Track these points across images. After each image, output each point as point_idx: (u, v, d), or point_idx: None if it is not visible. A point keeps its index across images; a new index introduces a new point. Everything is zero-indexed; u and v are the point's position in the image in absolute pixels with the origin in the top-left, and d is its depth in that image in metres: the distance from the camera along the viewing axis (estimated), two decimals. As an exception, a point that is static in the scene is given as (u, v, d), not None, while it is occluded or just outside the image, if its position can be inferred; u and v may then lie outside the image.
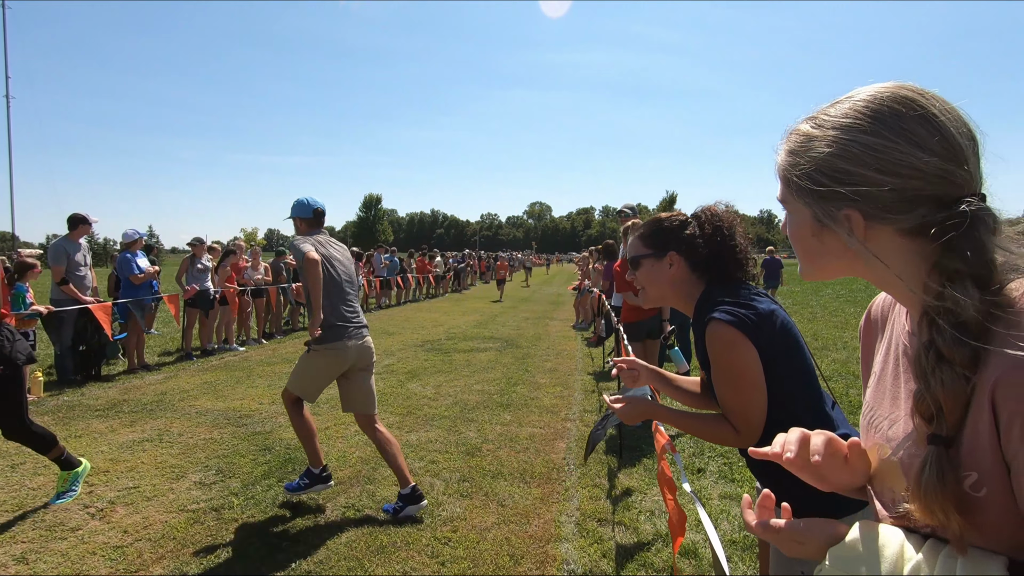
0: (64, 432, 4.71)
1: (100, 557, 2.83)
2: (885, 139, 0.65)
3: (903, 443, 0.69)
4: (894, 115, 0.66)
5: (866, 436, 0.78)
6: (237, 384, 6.48)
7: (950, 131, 0.64)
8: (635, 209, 5.93)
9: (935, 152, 0.64)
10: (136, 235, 7.53)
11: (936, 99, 0.67)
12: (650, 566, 2.76)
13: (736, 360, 1.38)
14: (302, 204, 3.67)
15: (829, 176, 0.69)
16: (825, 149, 0.69)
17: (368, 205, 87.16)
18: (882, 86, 0.69)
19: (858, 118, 0.68)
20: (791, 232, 0.78)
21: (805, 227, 0.75)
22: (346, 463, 4.03)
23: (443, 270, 20.48)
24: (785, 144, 0.76)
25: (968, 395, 0.60)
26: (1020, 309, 0.59)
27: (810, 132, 0.72)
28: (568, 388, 6.32)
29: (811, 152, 0.71)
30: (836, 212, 0.69)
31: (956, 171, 0.64)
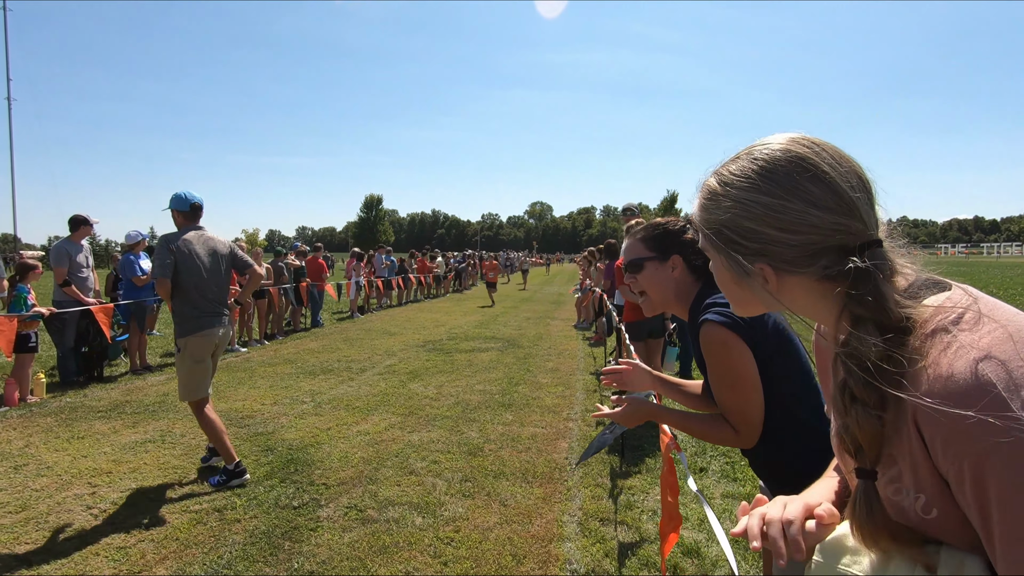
0: (67, 433, 4.72)
1: (104, 558, 2.83)
2: (781, 199, 0.69)
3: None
4: (787, 175, 0.69)
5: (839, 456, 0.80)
6: (239, 385, 6.49)
7: (840, 186, 0.68)
8: (637, 208, 5.93)
9: (828, 208, 0.67)
10: (139, 236, 7.55)
11: (827, 152, 0.70)
12: (652, 565, 2.76)
13: (731, 361, 1.39)
14: (180, 198, 3.90)
15: (737, 233, 0.73)
16: (730, 208, 0.73)
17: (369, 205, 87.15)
18: (777, 144, 0.72)
19: (754, 179, 0.71)
20: (717, 279, 0.82)
21: (726, 276, 0.79)
22: (348, 464, 4.04)
23: (444, 270, 20.49)
24: (698, 198, 0.80)
25: (882, 432, 0.63)
26: (926, 338, 0.61)
27: (716, 189, 0.76)
28: (570, 388, 6.32)
29: (718, 209, 0.75)
30: (749, 266, 0.73)
31: (850, 223, 0.67)
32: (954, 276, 0.70)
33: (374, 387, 6.34)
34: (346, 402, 5.70)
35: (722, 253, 0.76)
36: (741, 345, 1.38)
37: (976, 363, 0.56)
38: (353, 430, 4.79)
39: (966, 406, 0.55)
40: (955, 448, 0.56)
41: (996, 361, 0.56)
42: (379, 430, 4.79)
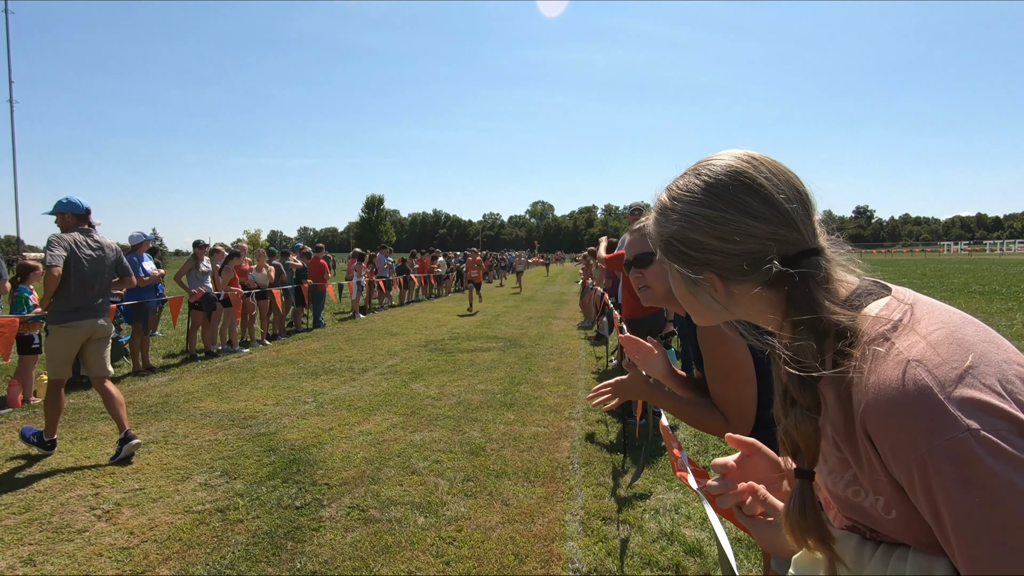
0: (70, 434, 4.74)
1: (107, 559, 2.84)
2: (720, 211, 0.73)
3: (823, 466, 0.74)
4: (725, 188, 0.73)
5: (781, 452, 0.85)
6: (241, 386, 6.50)
7: (776, 198, 0.71)
8: (644, 208, 5.91)
9: (765, 218, 0.71)
10: (143, 237, 7.57)
11: (764, 166, 0.74)
12: (655, 564, 2.76)
13: (727, 353, 1.43)
14: (72, 203, 4.37)
15: (684, 244, 0.76)
16: (677, 220, 0.77)
17: (370, 206, 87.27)
18: (719, 160, 0.76)
19: (697, 192, 0.75)
20: (673, 288, 0.85)
21: (680, 285, 0.82)
22: (350, 463, 4.04)
23: (445, 270, 20.49)
24: (653, 212, 0.83)
25: (817, 434, 0.67)
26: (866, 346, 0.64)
27: (666, 203, 0.80)
28: (572, 387, 6.32)
29: (668, 222, 0.79)
30: (697, 276, 0.77)
31: (787, 233, 0.71)
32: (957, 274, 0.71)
33: (376, 387, 6.35)
34: (348, 402, 5.71)
35: (673, 263, 0.80)
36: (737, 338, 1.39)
37: (911, 369, 0.59)
38: (355, 430, 4.80)
39: (905, 411, 0.57)
40: (902, 454, 0.58)
41: (928, 365, 0.58)
42: (381, 430, 4.79)
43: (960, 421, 0.55)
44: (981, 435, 0.54)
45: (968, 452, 0.54)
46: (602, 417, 5.18)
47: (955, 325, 0.62)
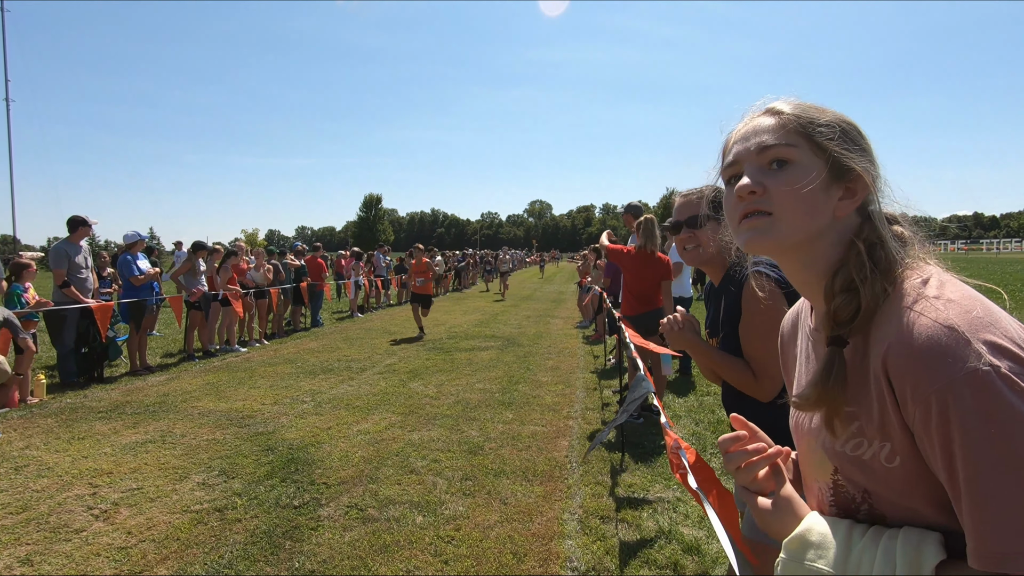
0: (67, 434, 4.72)
1: (104, 558, 2.83)
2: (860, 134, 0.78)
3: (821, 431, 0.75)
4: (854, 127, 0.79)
5: (794, 434, 0.85)
6: (239, 385, 6.49)
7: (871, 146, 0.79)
8: (634, 208, 5.90)
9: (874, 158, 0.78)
10: (137, 237, 7.54)
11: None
12: (653, 563, 2.76)
13: (771, 316, 1.49)
14: None
15: (851, 140, 0.76)
16: (833, 115, 0.78)
17: (368, 205, 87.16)
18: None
19: (837, 114, 0.79)
20: (793, 188, 0.74)
21: (815, 180, 0.74)
22: (348, 463, 4.04)
23: (443, 269, 20.48)
24: (784, 103, 0.80)
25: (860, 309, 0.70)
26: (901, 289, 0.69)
27: (810, 104, 0.79)
28: (570, 386, 6.32)
29: (822, 112, 0.78)
30: (849, 172, 0.75)
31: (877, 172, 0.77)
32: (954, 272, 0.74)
33: (374, 386, 6.35)
34: (346, 401, 5.70)
35: (828, 147, 0.75)
36: (783, 302, 1.50)
37: (940, 312, 0.63)
38: (353, 429, 4.79)
39: (931, 347, 0.60)
40: (923, 388, 0.60)
41: (959, 307, 0.63)
42: (379, 429, 4.79)
43: (984, 356, 0.58)
44: (1003, 372, 0.57)
45: (989, 384, 0.57)
46: (601, 416, 5.18)
47: (980, 295, 0.67)
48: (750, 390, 1.56)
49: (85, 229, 6.68)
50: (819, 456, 0.76)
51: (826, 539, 0.70)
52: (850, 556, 0.67)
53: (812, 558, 0.69)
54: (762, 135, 0.77)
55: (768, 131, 0.77)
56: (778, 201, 0.74)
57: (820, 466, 0.76)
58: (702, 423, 4.88)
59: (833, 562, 0.68)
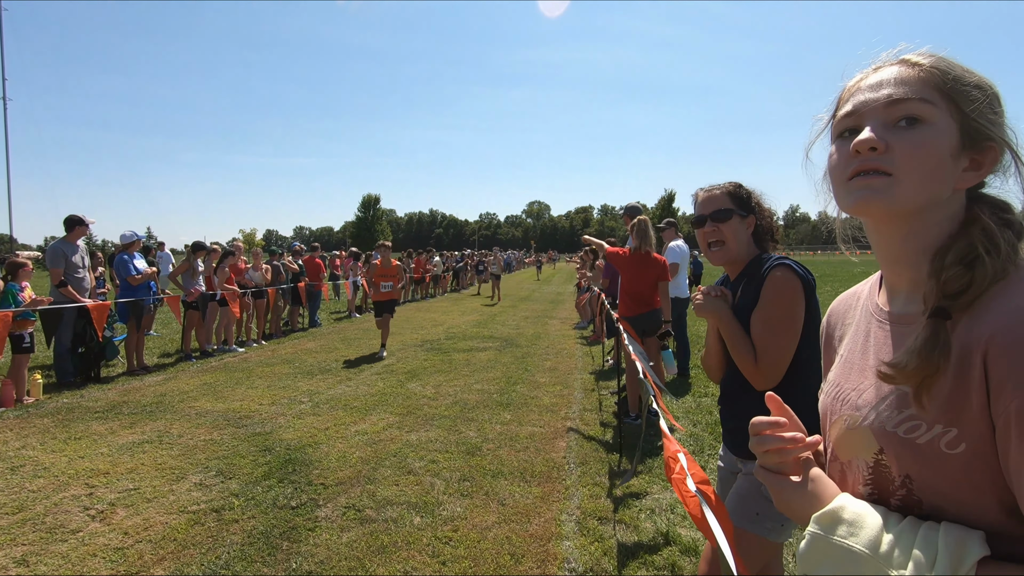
0: (64, 434, 4.71)
1: (101, 559, 2.82)
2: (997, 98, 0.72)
3: (875, 408, 0.72)
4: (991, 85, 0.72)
5: (831, 410, 0.82)
6: (237, 385, 6.47)
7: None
8: (633, 209, 5.90)
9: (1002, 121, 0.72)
10: (134, 236, 7.52)
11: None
12: (651, 564, 2.76)
13: (789, 306, 1.56)
14: None
15: (994, 109, 0.71)
16: (987, 85, 0.72)
17: (366, 205, 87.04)
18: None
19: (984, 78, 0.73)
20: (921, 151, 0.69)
21: (945, 144, 0.69)
22: (346, 463, 4.03)
23: (441, 270, 20.47)
24: (922, 55, 0.73)
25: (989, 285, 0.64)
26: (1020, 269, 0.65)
27: (955, 62, 0.73)
28: (568, 387, 6.32)
29: (965, 72, 0.72)
30: (984, 141, 0.70)
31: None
32: None
33: (372, 387, 6.34)
34: (344, 402, 5.69)
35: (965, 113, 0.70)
36: (803, 298, 1.57)
37: None
38: (351, 430, 4.79)
39: None
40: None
41: None
42: (377, 430, 4.78)
43: None
44: None
45: None
46: (598, 417, 5.18)
47: None
48: (749, 373, 1.60)
49: (82, 228, 6.65)
50: (863, 435, 0.73)
51: (860, 518, 0.66)
52: (885, 538, 0.64)
53: (844, 534, 0.65)
54: (896, 87, 0.70)
55: (904, 83, 0.70)
56: (902, 162, 0.68)
57: (862, 445, 0.73)
58: (700, 424, 4.89)
59: (867, 541, 0.64)
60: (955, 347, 0.63)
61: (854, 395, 0.76)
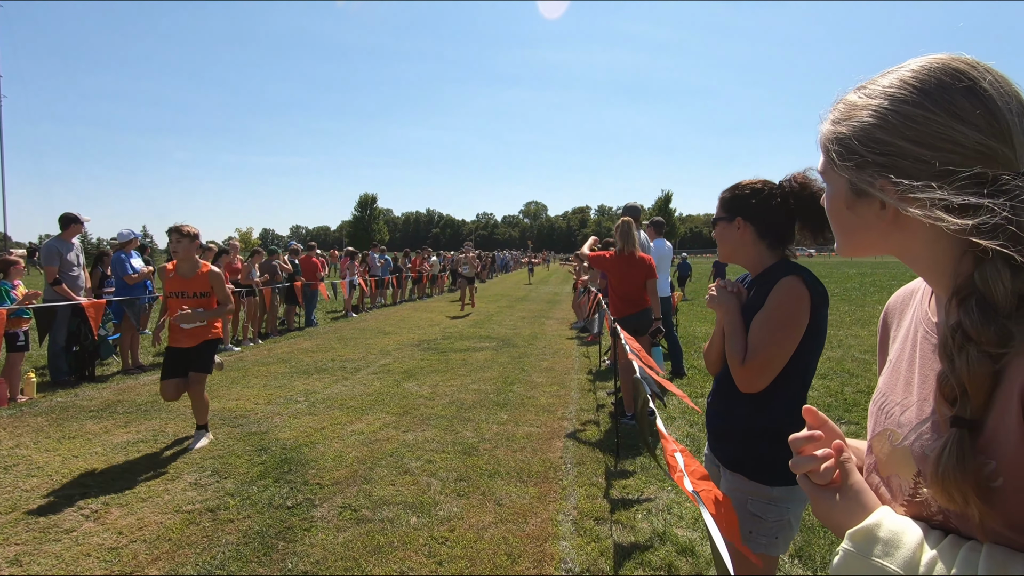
0: (58, 433, 4.68)
1: (95, 559, 2.81)
2: (925, 110, 0.63)
3: (916, 429, 0.69)
4: (940, 86, 0.64)
5: (875, 421, 0.78)
6: (232, 384, 6.45)
7: (997, 105, 0.62)
8: (632, 209, 5.89)
9: (977, 127, 0.61)
10: (131, 235, 7.48)
11: (990, 72, 0.64)
12: (648, 564, 2.76)
13: (791, 314, 1.54)
14: None
15: (865, 145, 0.68)
16: (866, 119, 0.68)
17: (363, 205, 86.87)
18: (935, 57, 0.67)
19: (903, 88, 0.66)
20: (828, 206, 0.77)
21: (840, 199, 0.74)
22: (342, 463, 4.02)
23: (439, 269, 20.45)
24: (831, 113, 0.75)
25: (994, 378, 0.59)
26: None
27: (855, 102, 0.71)
28: (565, 387, 6.32)
29: (852, 121, 0.70)
30: (871, 183, 0.67)
31: (998, 148, 0.61)
32: None
33: (368, 386, 6.32)
34: (340, 401, 5.68)
35: (840, 170, 0.71)
36: (807, 310, 1.55)
37: None
38: (347, 429, 4.77)
39: None
40: None
41: None
42: (373, 429, 4.77)
43: None
44: None
45: None
46: (595, 417, 5.18)
47: None
48: (734, 371, 1.60)
49: (77, 226, 6.62)
50: (904, 455, 0.70)
51: (896, 537, 0.63)
52: (922, 560, 0.61)
53: (879, 554, 0.63)
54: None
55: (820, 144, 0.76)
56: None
57: (903, 465, 0.70)
58: (696, 424, 4.89)
59: (902, 563, 0.61)
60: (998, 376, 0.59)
61: (898, 410, 0.74)
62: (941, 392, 0.63)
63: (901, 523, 0.65)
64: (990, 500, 0.59)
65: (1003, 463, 0.59)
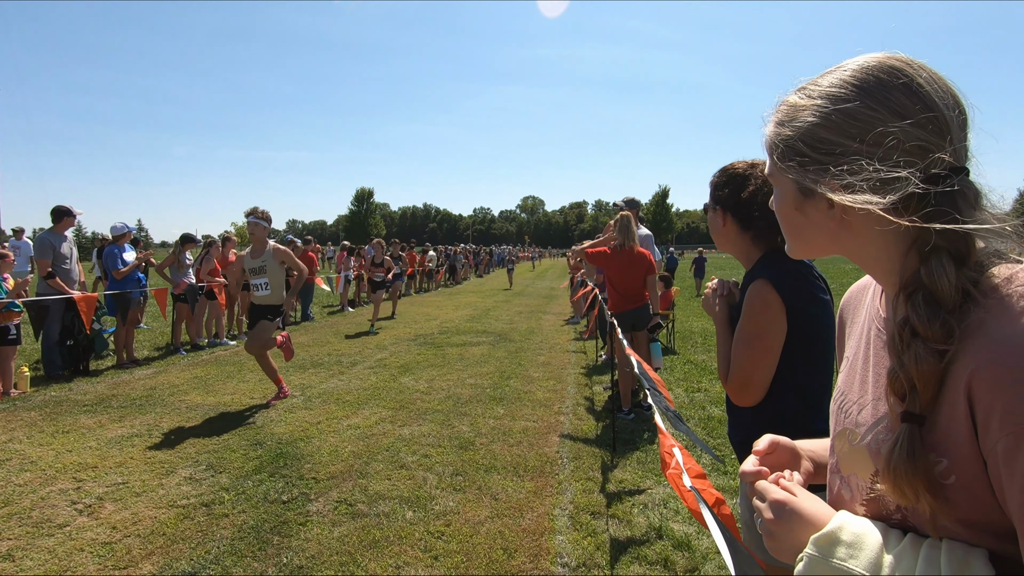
0: (51, 428, 4.65)
1: (88, 554, 2.79)
2: (866, 108, 0.65)
3: (872, 428, 0.69)
4: (878, 84, 0.65)
5: (835, 420, 0.79)
6: (228, 379, 6.42)
7: (934, 101, 0.63)
8: (633, 202, 5.86)
9: (917, 123, 0.63)
10: (125, 229, 7.42)
11: (924, 69, 0.66)
12: (644, 559, 2.76)
13: (758, 320, 1.42)
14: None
15: (810, 146, 0.69)
16: (809, 119, 0.69)
17: (360, 199, 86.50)
18: (871, 56, 0.68)
19: (843, 87, 0.67)
20: (776, 207, 0.78)
21: (788, 201, 0.75)
22: (338, 458, 4.01)
23: (436, 264, 20.39)
24: (774, 115, 0.75)
25: (941, 373, 0.59)
26: (1000, 296, 0.58)
27: (797, 102, 0.71)
28: (561, 382, 6.32)
29: (795, 122, 0.71)
30: (816, 183, 0.68)
31: (939, 143, 0.63)
32: None
33: (365, 381, 6.30)
34: (336, 396, 5.66)
35: (786, 172, 0.72)
36: (779, 310, 1.41)
37: None
38: (343, 424, 4.76)
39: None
40: (1018, 417, 0.53)
41: None
42: (369, 424, 4.76)
43: None
44: None
45: None
46: (591, 412, 5.18)
47: None
48: (724, 384, 1.52)
49: (70, 220, 6.56)
50: (861, 454, 0.70)
51: (859, 539, 0.64)
52: (885, 560, 0.62)
53: (843, 557, 0.63)
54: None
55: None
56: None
57: (861, 464, 0.70)
58: (692, 419, 4.89)
59: (866, 564, 0.62)
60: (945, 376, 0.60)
61: (855, 409, 0.74)
62: (891, 388, 0.64)
63: (863, 525, 0.66)
64: (943, 497, 0.60)
65: (954, 460, 0.59)
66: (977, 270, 0.60)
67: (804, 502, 0.71)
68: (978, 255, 0.61)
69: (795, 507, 0.70)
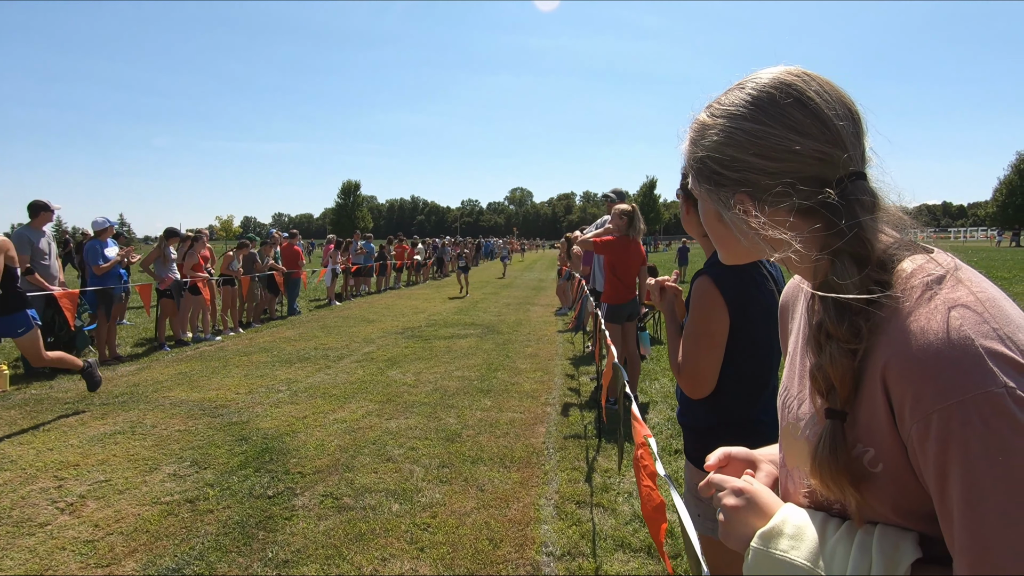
0: (32, 426, 4.58)
1: (70, 552, 2.77)
2: (764, 125, 0.68)
3: (809, 422, 0.71)
4: (772, 101, 0.69)
5: (781, 415, 0.81)
6: (213, 374, 6.37)
7: (826, 114, 0.67)
8: (621, 194, 5.87)
9: (811, 135, 0.66)
10: (106, 223, 7.29)
11: (815, 81, 0.69)
12: (628, 547, 2.80)
13: (703, 317, 1.48)
14: None
15: (719, 163, 0.73)
16: (715, 137, 0.73)
17: (346, 192, 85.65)
18: (767, 72, 0.72)
19: (742, 106, 0.71)
20: (703, 219, 0.82)
21: (711, 213, 0.79)
22: (324, 452, 4.00)
23: (424, 257, 20.32)
24: (688, 134, 0.79)
25: (856, 370, 0.62)
26: (904, 291, 0.60)
27: (705, 121, 0.75)
28: (548, 373, 6.35)
29: (704, 140, 0.75)
30: (730, 197, 0.73)
31: (834, 152, 0.66)
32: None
33: (351, 375, 6.29)
34: (323, 390, 5.64)
35: (704, 186, 0.76)
36: (720, 306, 1.46)
37: (954, 320, 0.56)
38: (330, 418, 4.75)
39: (940, 361, 0.55)
40: (924, 404, 0.55)
41: (976, 316, 0.56)
42: (356, 418, 4.75)
43: (998, 377, 0.52)
44: (1018, 395, 0.51)
45: (1002, 409, 0.51)
46: (578, 403, 5.21)
47: (997, 293, 0.60)
48: (676, 377, 1.59)
49: (47, 215, 6.43)
50: (802, 447, 0.72)
51: (800, 530, 0.67)
52: (824, 549, 0.65)
53: (786, 548, 0.67)
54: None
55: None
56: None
57: (802, 456, 0.73)
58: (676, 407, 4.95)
59: (807, 554, 0.65)
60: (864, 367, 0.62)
61: (795, 404, 0.76)
62: (813, 385, 0.67)
63: (804, 517, 0.69)
64: (873, 487, 0.63)
65: (880, 449, 0.62)
66: (883, 267, 0.63)
67: (762, 492, 0.74)
68: (888, 250, 0.64)
69: (753, 495, 0.73)
